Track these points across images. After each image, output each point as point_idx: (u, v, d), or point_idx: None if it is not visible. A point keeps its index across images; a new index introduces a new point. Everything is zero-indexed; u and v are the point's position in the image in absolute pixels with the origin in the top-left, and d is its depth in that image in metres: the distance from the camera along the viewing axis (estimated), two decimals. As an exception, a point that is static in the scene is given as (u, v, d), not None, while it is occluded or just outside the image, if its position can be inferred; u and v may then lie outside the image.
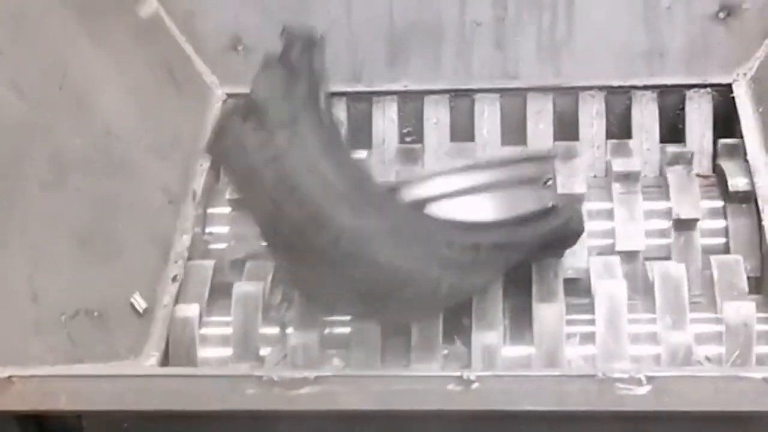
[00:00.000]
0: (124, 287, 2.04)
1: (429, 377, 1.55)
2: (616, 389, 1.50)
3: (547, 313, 1.94)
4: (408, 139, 2.42)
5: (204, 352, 2.08)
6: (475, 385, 1.52)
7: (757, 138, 2.21)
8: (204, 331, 2.09)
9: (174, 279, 2.13)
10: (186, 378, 1.57)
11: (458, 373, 1.53)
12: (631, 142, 2.33)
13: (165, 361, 2.04)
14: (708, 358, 1.97)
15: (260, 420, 1.58)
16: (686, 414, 1.50)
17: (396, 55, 2.38)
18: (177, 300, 2.09)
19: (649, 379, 1.49)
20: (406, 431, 1.60)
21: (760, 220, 2.11)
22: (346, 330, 2.02)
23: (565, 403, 1.51)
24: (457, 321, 1.96)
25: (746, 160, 2.19)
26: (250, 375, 1.55)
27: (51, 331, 1.85)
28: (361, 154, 2.35)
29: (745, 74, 2.30)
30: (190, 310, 2.09)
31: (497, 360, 1.91)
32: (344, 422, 1.57)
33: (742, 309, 1.96)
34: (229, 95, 2.41)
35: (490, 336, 1.92)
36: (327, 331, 2.04)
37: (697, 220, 2.13)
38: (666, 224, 2.16)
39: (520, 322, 1.98)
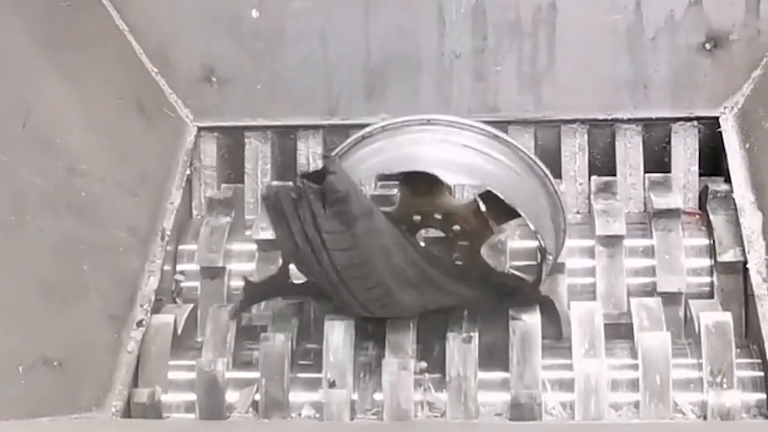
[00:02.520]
0: (88, 334, 1.97)
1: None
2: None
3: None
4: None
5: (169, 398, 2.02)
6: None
7: (743, 175, 2.14)
8: (172, 375, 2.03)
9: (139, 324, 2.06)
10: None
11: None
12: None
13: (128, 412, 1.97)
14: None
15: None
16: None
17: (373, 88, 2.31)
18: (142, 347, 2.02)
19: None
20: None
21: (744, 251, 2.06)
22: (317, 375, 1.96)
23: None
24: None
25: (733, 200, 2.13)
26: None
27: (6, 384, 1.78)
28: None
29: (732, 108, 2.22)
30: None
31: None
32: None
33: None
34: (202, 128, 2.35)
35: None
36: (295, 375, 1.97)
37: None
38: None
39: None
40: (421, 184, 1.94)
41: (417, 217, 1.98)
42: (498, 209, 1.91)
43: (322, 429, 1.90)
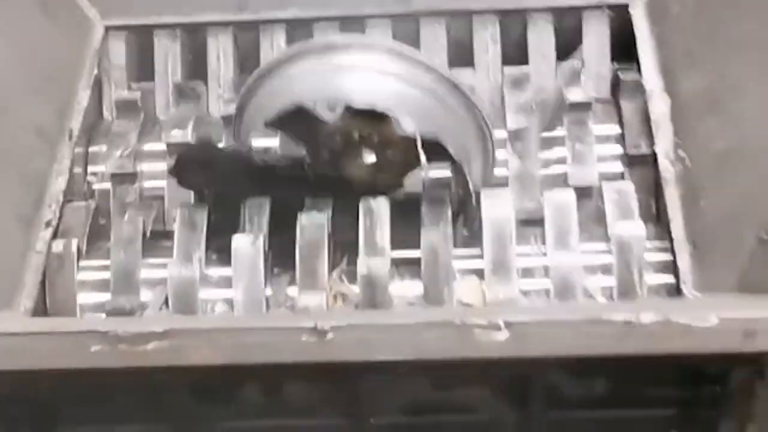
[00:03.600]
0: (-8, 233, 1.95)
1: (283, 329, 1.48)
2: (475, 335, 1.44)
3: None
4: (299, 68, 2.32)
5: (83, 298, 2.00)
6: (329, 336, 1.46)
7: (651, 61, 2.13)
8: (83, 276, 2.01)
9: (48, 224, 2.04)
10: (28, 336, 1.50)
11: (312, 324, 1.46)
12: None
13: (39, 311, 1.96)
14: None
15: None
16: (546, 360, 1.44)
17: (283, -18, 2.28)
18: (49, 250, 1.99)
19: (508, 324, 1.43)
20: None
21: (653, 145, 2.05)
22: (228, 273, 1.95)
23: (422, 352, 1.45)
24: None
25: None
26: (95, 330, 1.47)
27: None
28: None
29: (640, -11, 2.21)
30: (68, 245, 1.99)
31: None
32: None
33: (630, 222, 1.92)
34: (109, 27, 2.30)
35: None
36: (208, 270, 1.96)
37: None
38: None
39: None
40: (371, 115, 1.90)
41: (356, 135, 1.94)
42: (435, 152, 1.89)
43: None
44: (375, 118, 1.89)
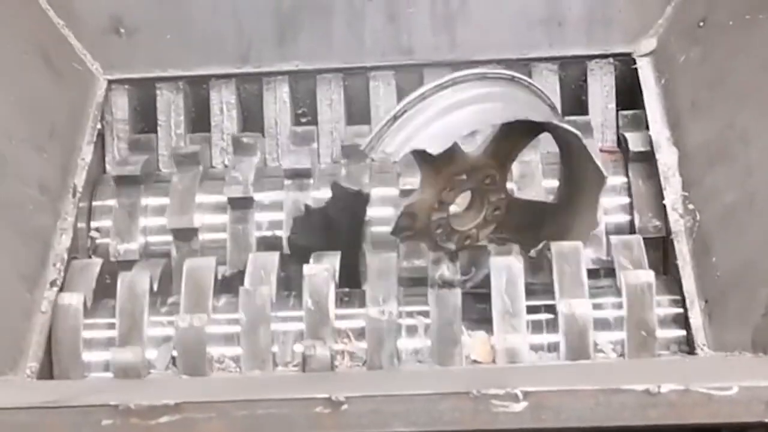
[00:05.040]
0: (-3, 295, 1.93)
1: (296, 400, 1.46)
2: (492, 407, 1.42)
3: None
4: (303, 120, 2.32)
5: (89, 356, 1.97)
6: (344, 407, 1.44)
7: (659, 110, 2.13)
8: (88, 334, 1.98)
9: (53, 283, 2.02)
10: (38, 411, 1.48)
11: (326, 395, 1.44)
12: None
13: (45, 372, 1.93)
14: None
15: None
16: (565, 430, 1.42)
17: (285, 34, 2.27)
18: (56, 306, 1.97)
19: (526, 394, 1.41)
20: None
21: (661, 188, 2.05)
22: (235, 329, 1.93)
23: (438, 423, 1.43)
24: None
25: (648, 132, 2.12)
26: (105, 405, 1.45)
27: None
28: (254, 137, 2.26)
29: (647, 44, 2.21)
30: (74, 298, 1.97)
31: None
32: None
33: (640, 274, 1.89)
34: (112, 81, 2.30)
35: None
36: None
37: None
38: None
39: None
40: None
41: (445, 193, 1.88)
42: (512, 134, 1.85)
43: (245, 382, 1.87)
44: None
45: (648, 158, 2.10)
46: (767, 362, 1.65)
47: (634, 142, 2.14)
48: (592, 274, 1.98)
